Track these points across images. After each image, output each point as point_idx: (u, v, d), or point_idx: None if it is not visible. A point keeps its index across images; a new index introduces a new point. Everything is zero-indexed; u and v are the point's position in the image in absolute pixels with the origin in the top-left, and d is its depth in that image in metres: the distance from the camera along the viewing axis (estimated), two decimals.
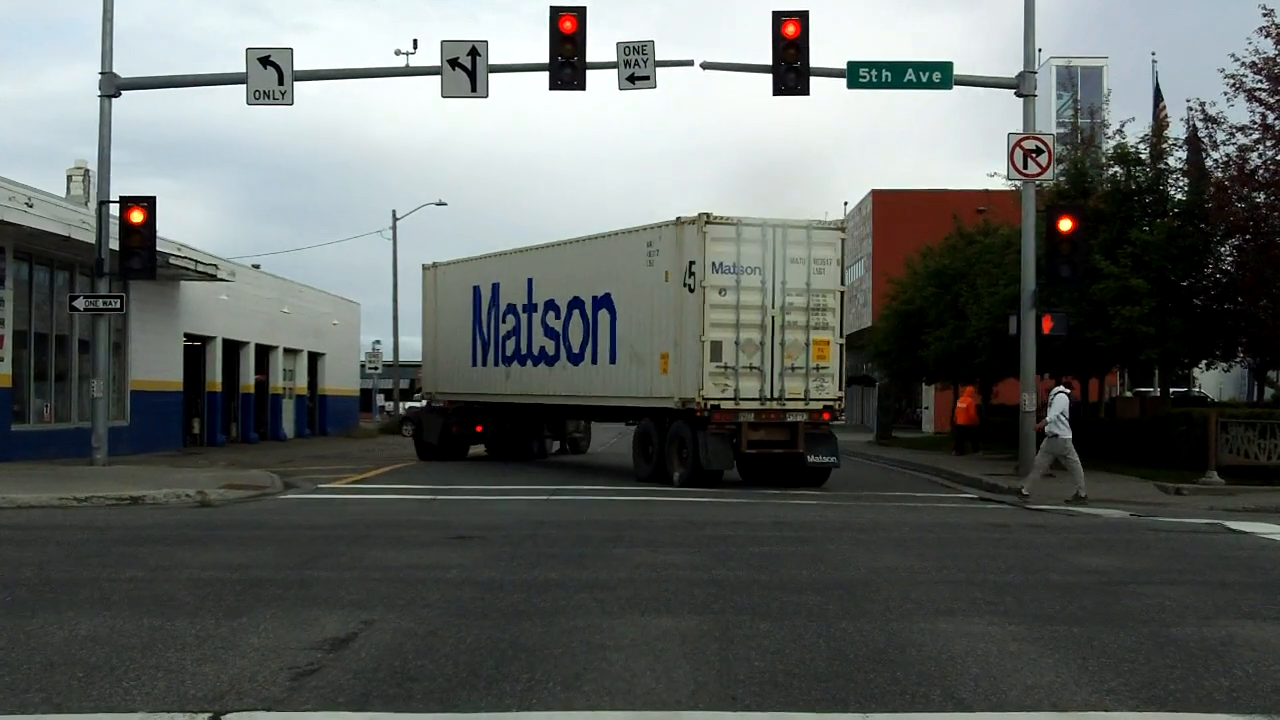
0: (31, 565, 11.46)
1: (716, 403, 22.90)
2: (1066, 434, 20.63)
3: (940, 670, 7.35)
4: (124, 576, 10.74)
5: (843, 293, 24.16)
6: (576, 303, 27.10)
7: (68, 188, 37.08)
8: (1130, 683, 7.12)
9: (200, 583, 10.36)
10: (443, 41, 25.12)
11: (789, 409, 23.41)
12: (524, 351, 29.49)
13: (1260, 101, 25.98)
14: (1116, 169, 30.06)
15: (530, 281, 29.24)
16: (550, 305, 28.26)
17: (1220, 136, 27.25)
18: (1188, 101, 28.65)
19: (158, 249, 26.76)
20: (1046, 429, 21.02)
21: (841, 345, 23.93)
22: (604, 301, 26.18)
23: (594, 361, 26.50)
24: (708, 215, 23.20)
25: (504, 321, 30.44)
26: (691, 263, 23.11)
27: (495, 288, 30.88)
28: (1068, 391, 21.22)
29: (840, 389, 24.10)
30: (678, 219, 23.66)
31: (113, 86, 25.72)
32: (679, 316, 23.40)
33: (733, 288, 23.05)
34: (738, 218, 23.43)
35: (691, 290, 23.08)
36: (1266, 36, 25.88)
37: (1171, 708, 6.64)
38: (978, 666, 7.46)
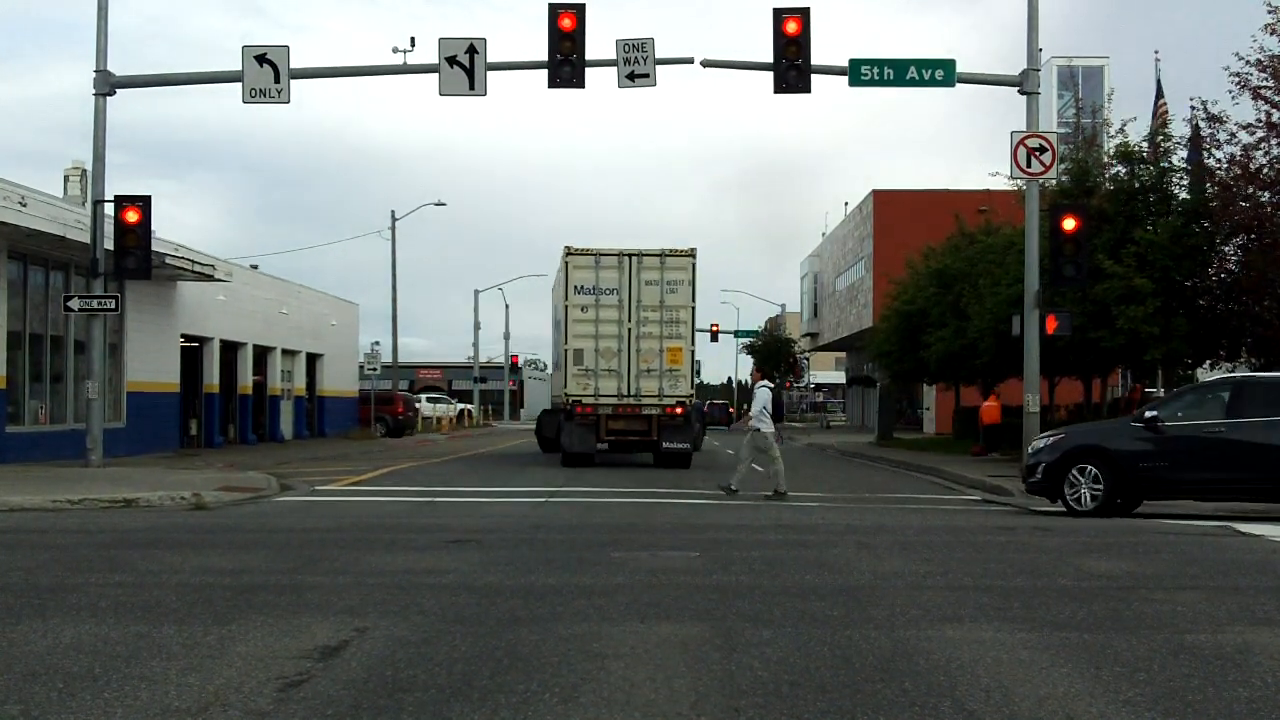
0: (20, 570, 11.24)
1: (578, 398, 28.32)
2: (768, 428, 20.89)
3: (950, 680, 7.12)
4: (113, 581, 10.52)
5: (694, 308, 28.85)
6: (556, 321, 32.53)
7: (65, 188, 36.89)
8: (1147, 693, 6.89)
9: (190, 588, 10.13)
10: (440, 39, 24.94)
11: (644, 404, 28.42)
12: (557, 361, 34.70)
13: (1266, 99, 25.75)
14: (1120, 168, 29.88)
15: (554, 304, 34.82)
16: (556, 322, 33.21)
17: (1223, 136, 27.05)
18: (1190, 100, 28.47)
19: (154, 249, 26.61)
20: (749, 423, 21.38)
21: (692, 352, 28.84)
22: (559, 320, 31.29)
23: (557, 368, 32.36)
24: (569, 248, 28.80)
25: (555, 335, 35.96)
26: (565, 287, 28.65)
27: (555, 308, 35.75)
28: (770, 385, 21.49)
29: (691, 388, 28.96)
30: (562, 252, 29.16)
31: (107, 85, 25.52)
32: (562, 330, 29.13)
33: (592, 305, 28.45)
34: (596, 249, 28.76)
35: (565, 309, 28.77)
36: (1272, 34, 25.66)
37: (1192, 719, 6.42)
38: (988, 676, 7.24)
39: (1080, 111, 51.30)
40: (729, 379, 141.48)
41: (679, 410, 28.38)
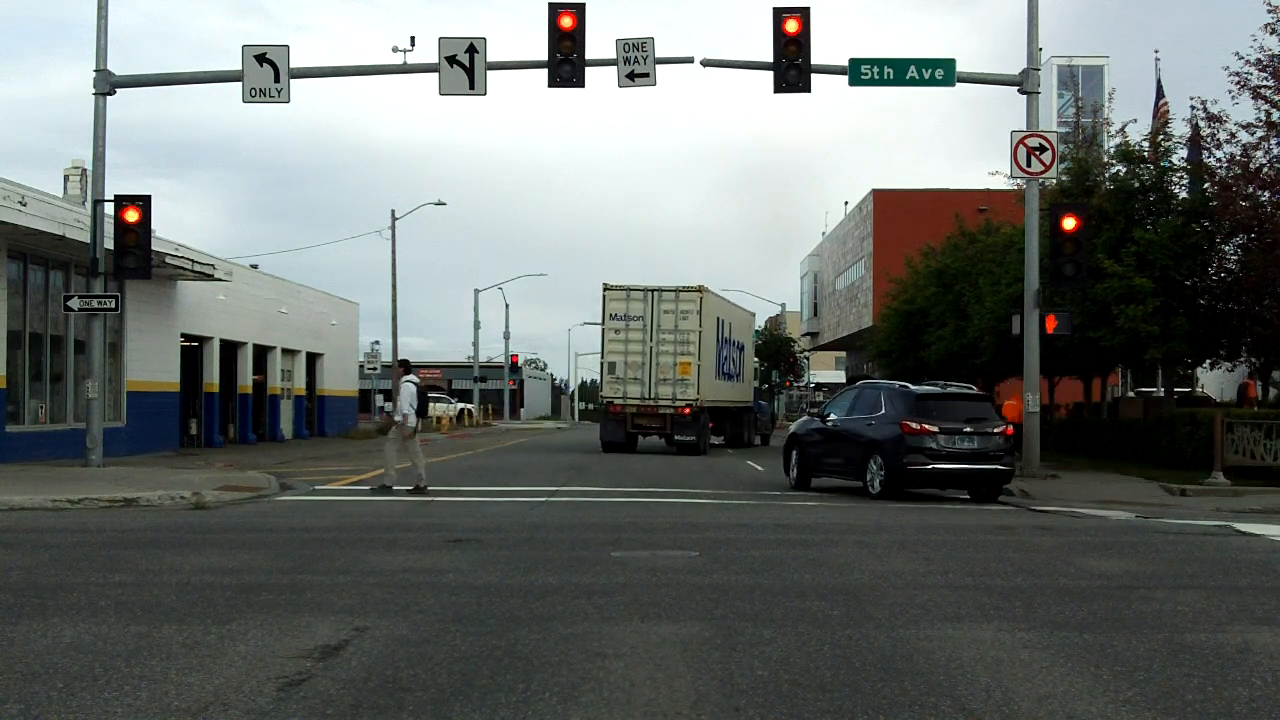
0: (19, 569, 11.24)
1: (610, 399, 36.73)
2: (413, 422, 21.25)
3: (950, 679, 7.13)
4: (113, 581, 10.51)
5: (701, 332, 36.44)
6: None
7: (65, 188, 36.86)
8: (1146, 692, 6.89)
9: (190, 588, 10.13)
10: (440, 38, 24.91)
11: (661, 405, 36.41)
12: None
13: (1266, 99, 25.73)
14: (1120, 167, 29.86)
15: None
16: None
17: (1223, 136, 27.03)
18: (1190, 100, 28.44)
19: (154, 248, 26.56)
20: (396, 419, 21.69)
21: (699, 366, 36.30)
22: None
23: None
24: (606, 284, 37.07)
25: None
26: (602, 314, 36.94)
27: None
28: (416, 380, 21.74)
29: (698, 393, 36.38)
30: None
31: (107, 84, 25.50)
32: (600, 347, 37.46)
33: (623, 328, 36.47)
34: (627, 285, 36.93)
35: (602, 331, 37.05)
36: (1272, 33, 25.64)
37: (1191, 719, 6.41)
38: (988, 675, 7.24)
39: (1080, 111, 51.29)
40: None
41: (687, 410, 36.04)
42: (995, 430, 20.66)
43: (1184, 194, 29.00)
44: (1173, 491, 21.91)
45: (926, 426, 20.28)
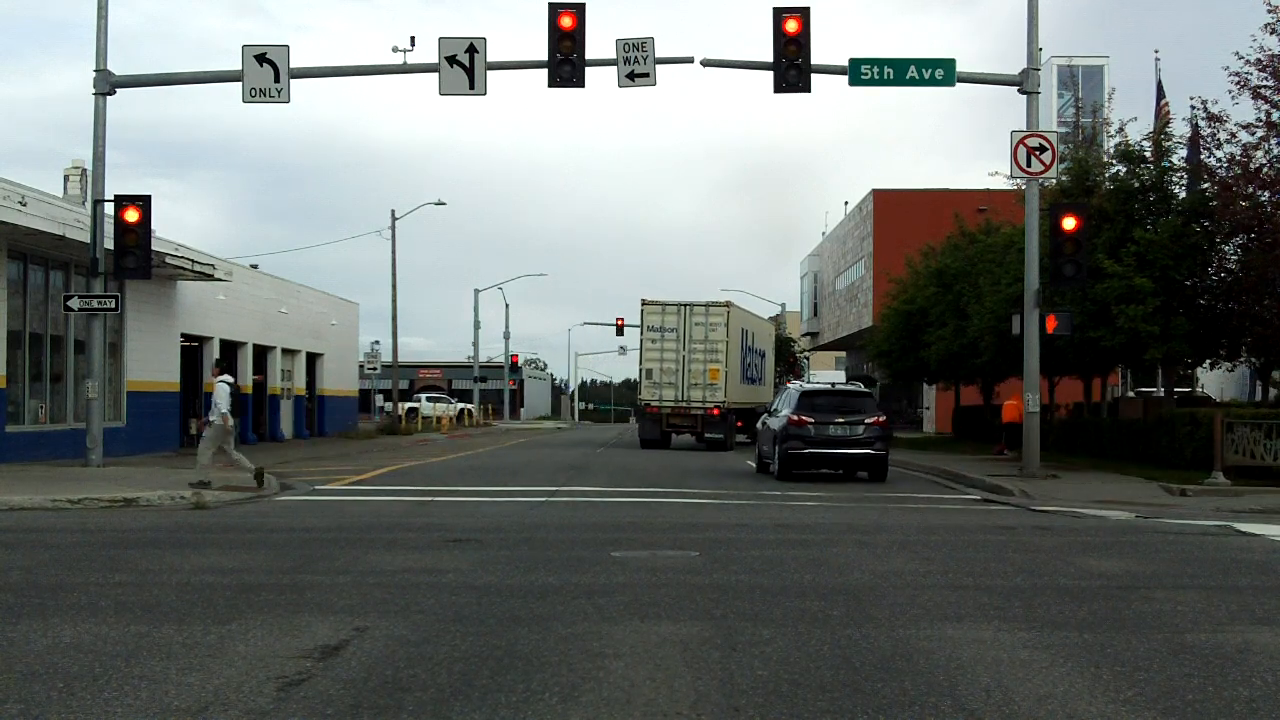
0: (19, 569, 11.25)
1: (647, 401, 41.48)
2: (223, 421, 21.44)
3: (950, 679, 7.13)
4: (113, 581, 10.52)
5: (727, 342, 40.81)
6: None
7: (65, 188, 36.82)
8: (1146, 692, 6.89)
9: (190, 588, 10.13)
10: (440, 38, 24.91)
11: (692, 407, 40.80)
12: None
13: (1266, 99, 25.72)
14: (1119, 167, 29.83)
15: None
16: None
17: (1223, 136, 27.00)
18: (1190, 100, 28.41)
19: (154, 248, 26.54)
20: (209, 418, 21.89)
21: (726, 371, 40.73)
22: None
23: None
24: (644, 300, 41.53)
25: None
26: (641, 325, 41.53)
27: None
28: (230, 380, 21.96)
29: (725, 396, 40.63)
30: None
31: (107, 84, 25.49)
32: (639, 355, 42.06)
33: (659, 339, 40.98)
34: (662, 301, 41.43)
35: (640, 341, 41.62)
36: (1272, 33, 25.63)
37: (1191, 719, 6.41)
38: (988, 675, 7.24)
39: (1080, 111, 51.32)
40: None
41: (715, 411, 40.40)
42: (868, 421, 24.98)
43: (1184, 194, 28.97)
44: (1173, 491, 21.88)
45: (804, 418, 24.76)
